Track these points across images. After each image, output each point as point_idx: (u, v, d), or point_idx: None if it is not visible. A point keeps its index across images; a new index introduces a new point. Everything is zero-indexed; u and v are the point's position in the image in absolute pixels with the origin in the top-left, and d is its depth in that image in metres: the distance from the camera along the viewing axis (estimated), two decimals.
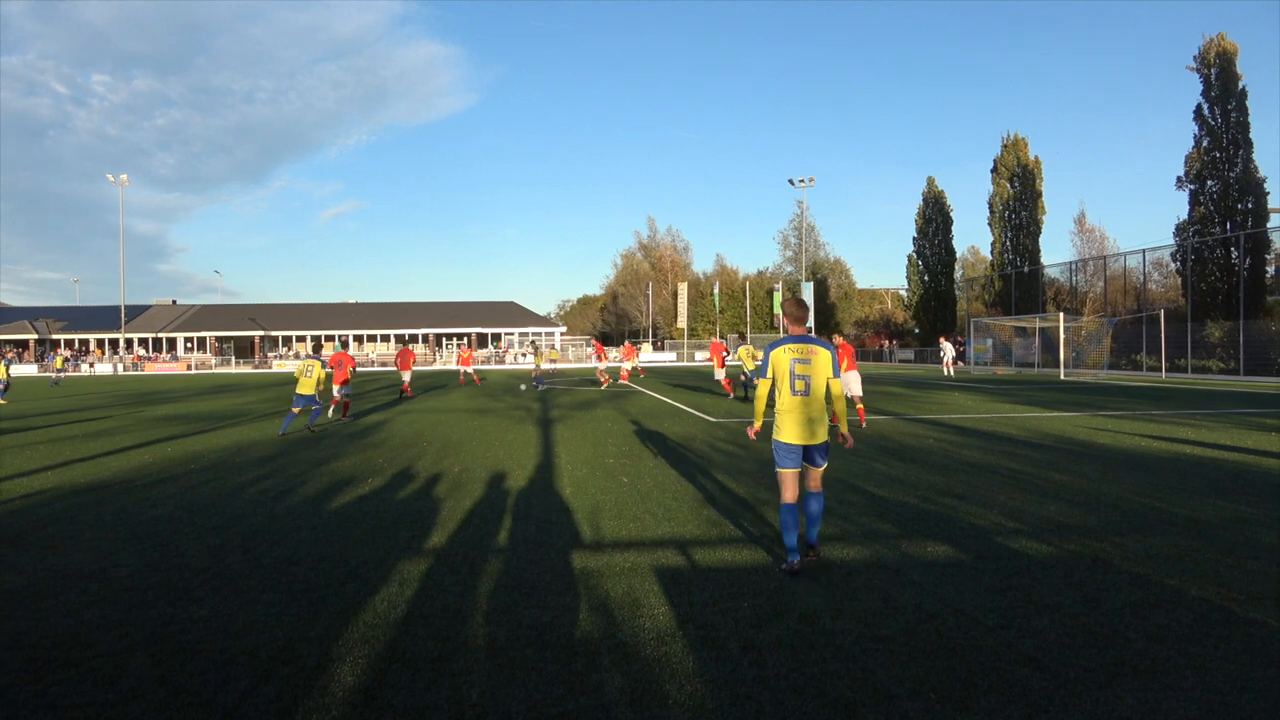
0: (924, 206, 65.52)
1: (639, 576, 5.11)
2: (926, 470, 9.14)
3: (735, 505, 7.31)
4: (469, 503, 7.60)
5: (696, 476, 8.90)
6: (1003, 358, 47.57)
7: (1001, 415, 15.84)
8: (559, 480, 8.78)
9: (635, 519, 6.79)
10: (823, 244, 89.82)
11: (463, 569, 5.34)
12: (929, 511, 6.93)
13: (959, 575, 5.08)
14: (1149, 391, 23.86)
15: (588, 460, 10.24)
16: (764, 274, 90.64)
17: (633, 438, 12.67)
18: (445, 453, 11.18)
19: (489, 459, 10.50)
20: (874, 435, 12.57)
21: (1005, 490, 7.88)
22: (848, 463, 9.72)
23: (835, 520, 6.61)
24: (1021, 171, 55.18)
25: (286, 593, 4.93)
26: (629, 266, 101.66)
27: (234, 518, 7.11)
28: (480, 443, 12.26)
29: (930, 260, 64.89)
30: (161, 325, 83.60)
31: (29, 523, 7.07)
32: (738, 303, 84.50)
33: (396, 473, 9.47)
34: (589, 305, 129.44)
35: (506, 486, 8.45)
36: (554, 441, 12.28)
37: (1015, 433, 12.78)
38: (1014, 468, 9.25)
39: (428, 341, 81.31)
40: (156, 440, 13.41)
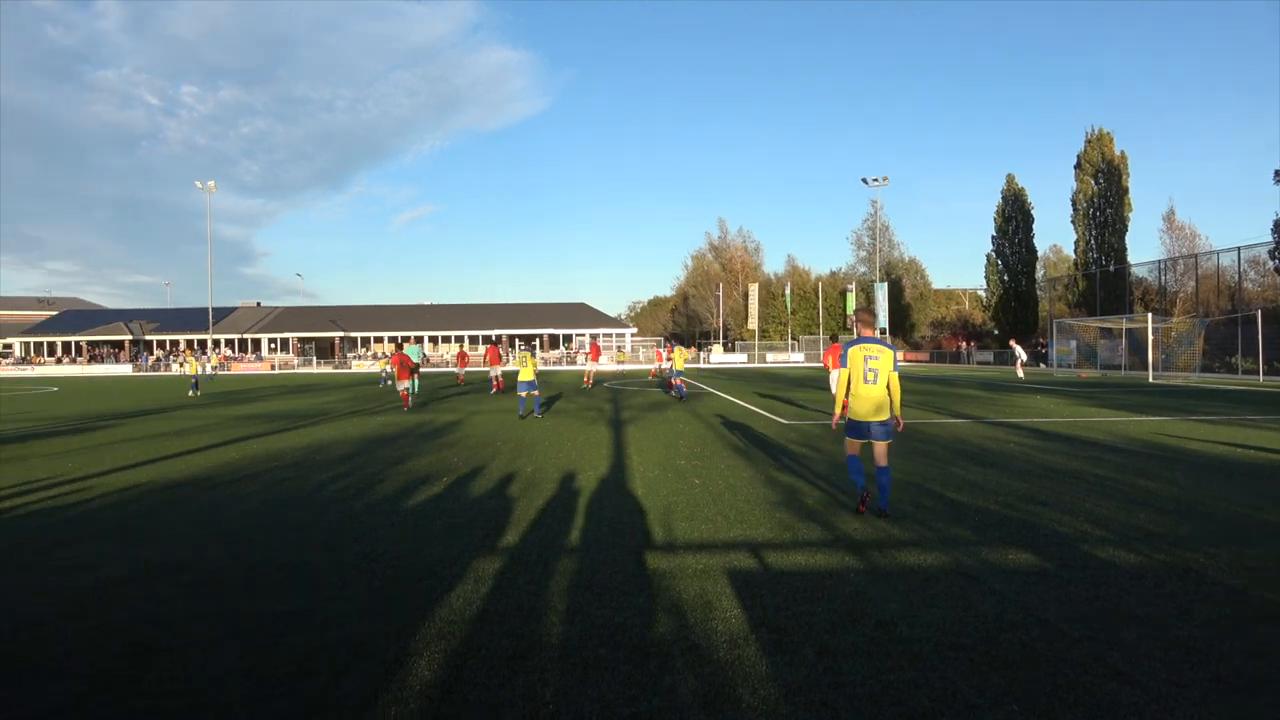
0: (1003, 204, 63.92)
1: (711, 579, 5.09)
2: (1007, 475, 8.90)
3: (808, 508, 7.23)
4: (542, 502, 7.68)
5: (769, 479, 8.83)
6: (1087, 360, 46.06)
7: (1086, 419, 15.33)
8: (631, 481, 8.81)
9: (707, 521, 6.77)
10: (897, 244, 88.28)
11: (536, 568, 5.40)
12: (1010, 518, 6.75)
13: (1042, 584, 4.93)
14: (1245, 395, 22.80)
15: (659, 461, 10.25)
16: (836, 274, 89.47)
17: (704, 439, 12.64)
18: (518, 453, 11.32)
19: (561, 459, 10.59)
20: (951, 439, 12.29)
21: (1091, 497, 7.62)
22: (924, 466, 9.53)
23: (911, 525, 6.48)
24: (1106, 167, 53.40)
25: (365, 588, 5.05)
26: (699, 267, 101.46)
27: (315, 515, 7.32)
28: (553, 443, 12.37)
29: (1010, 259, 63.25)
30: (247, 326, 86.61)
31: (126, 516, 7.40)
32: (809, 303, 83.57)
33: (471, 472, 9.62)
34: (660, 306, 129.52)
35: (578, 486, 8.51)
36: (626, 443, 12.32)
37: (1101, 437, 12.35)
38: (1100, 474, 8.94)
39: (500, 342, 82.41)
40: (241, 438, 13.88)
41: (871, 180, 73.57)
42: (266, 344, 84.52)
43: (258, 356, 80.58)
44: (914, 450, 11.05)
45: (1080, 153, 55.39)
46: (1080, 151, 55.44)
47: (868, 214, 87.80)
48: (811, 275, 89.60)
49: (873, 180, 73.51)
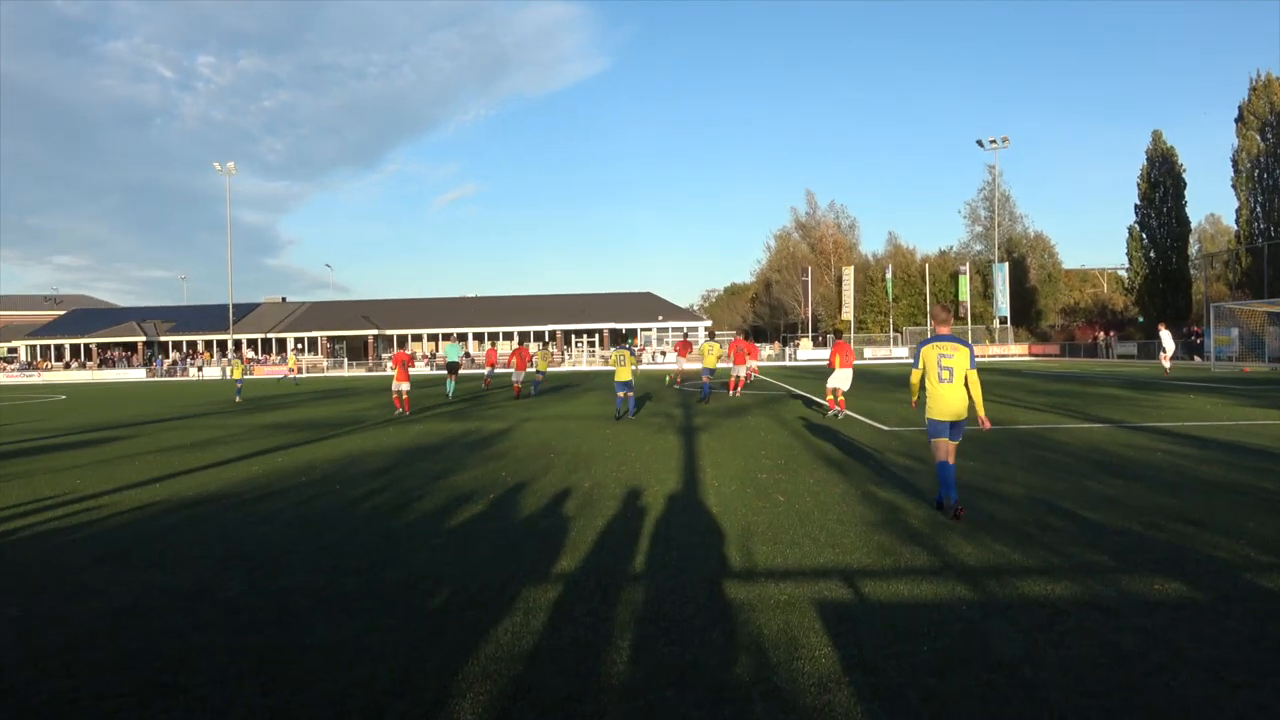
0: (1148, 168, 62.20)
1: (797, 611, 5.07)
2: (1153, 490, 8.66)
3: (912, 530, 7.15)
4: (601, 522, 7.74)
5: (866, 495, 8.75)
6: (1252, 351, 44.51)
7: (1250, 422, 14.80)
8: (704, 498, 8.82)
9: (793, 544, 6.74)
10: (1019, 216, 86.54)
11: (594, 597, 5.45)
12: (1156, 540, 6.57)
13: (1195, 619, 4.78)
14: None
15: (737, 475, 10.24)
16: (946, 254, 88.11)
17: (790, 449, 12.58)
18: (575, 465, 11.42)
19: (624, 473, 10.65)
20: (1086, 447, 12.01)
21: (1256, 515, 7.36)
22: (1052, 480, 9.33)
23: (1037, 549, 6.36)
24: (1276, 120, 51.52)
25: (403, 619, 5.16)
26: (784, 249, 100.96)
27: (347, 535, 7.50)
28: (614, 454, 12.46)
29: (1157, 233, 61.53)
30: (271, 325, 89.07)
31: (137, 537, 7.69)
32: (915, 289, 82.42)
33: (521, 487, 9.74)
34: (738, 295, 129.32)
35: (644, 504, 8.55)
36: (698, 454, 12.33)
37: (1269, 444, 11.92)
38: (1268, 488, 8.63)
39: (555, 339, 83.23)
40: (266, 450, 14.30)
41: (989, 142, 72.29)
42: (292, 343, 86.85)
43: (282, 358, 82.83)
44: (1040, 461, 10.83)
45: (1243, 103, 53.56)
46: (1243, 102, 53.62)
47: (984, 182, 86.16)
48: (917, 256, 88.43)
49: (989, 142, 72.23)
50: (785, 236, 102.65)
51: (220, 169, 78.07)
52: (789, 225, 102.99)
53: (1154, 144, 62.18)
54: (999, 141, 71.88)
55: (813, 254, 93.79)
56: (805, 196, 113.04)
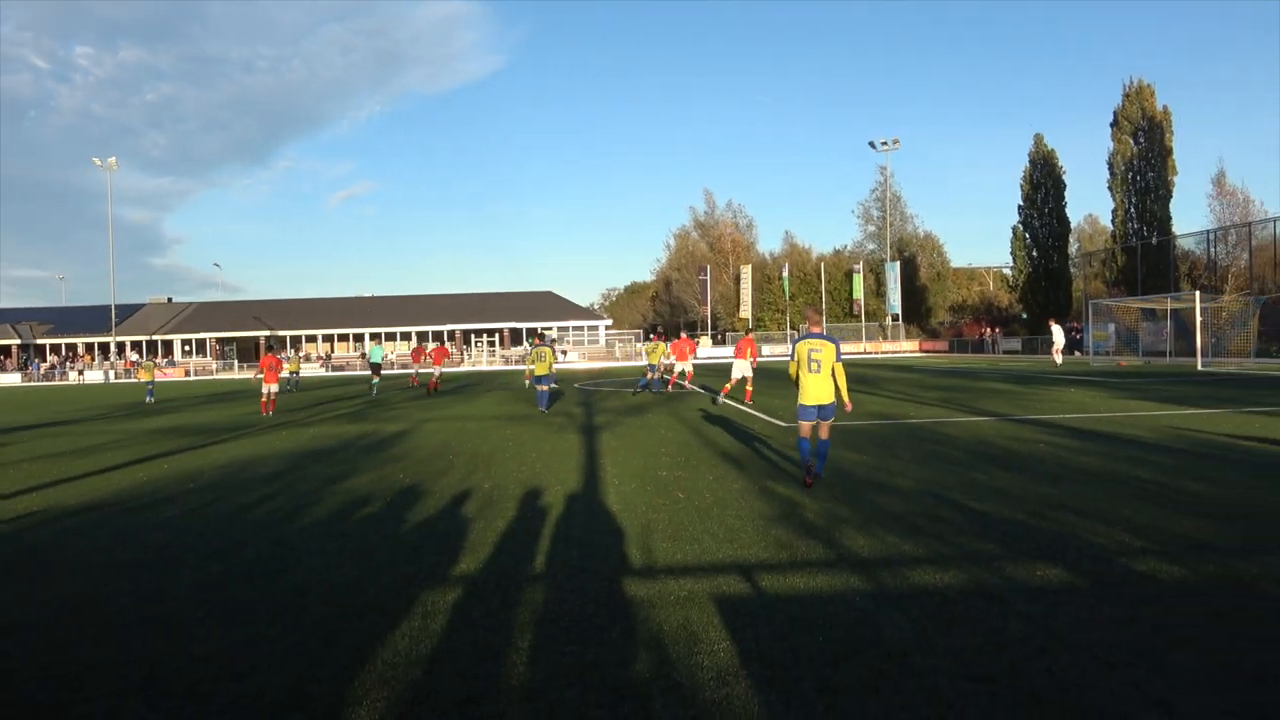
0: (1030, 170, 64.50)
1: (696, 607, 5.12)
2: (1036, 480, 9.00)
3: (808, 524, 7.28)
4: (502, 523, 7.69)
5: (764, 490, 8.89)
6: (1127, 345, 46.59)
7: (1127, 414, 15.52)
8: (605, 497, 8.83)
9: (693, 540, 6.80)
10: (910, 217, 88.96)
11: (494, 599, 5.41)
12: (1039, 529, 6.83)
13: (1075, 604, 4.99)
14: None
15: (638, 473, 10.29)
16: (841, 253, 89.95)
17: (689, 446, 12.69)
18: (474, 466, 11.32)
19: (524, 473, 10.60)
20: (973, 440, 12.41)
21: (1131, 503, 7.72)
22: (942, 472, 9.62)
23: (927, 540, 6.55)
24: (1147, 125, 54.01)
25: (296, 627, 5.04)
26: (683, 248, 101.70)
27: (238, 543, 7.28)
28: (514, 455, 12.38)
29: (1039, 233, 63.89)
30: (156, 326, 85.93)
31: (14, 550, 7.33)
32: (811, 287, 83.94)
33: (419, 490, 9.61)
34: (638, 294, 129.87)
35: (544, 504, 8.52)
36: (599, 452, 12.35)
37: (1143, 434, 12.51)
38: (1141, 476, 9.06)
39: (454, 338, 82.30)
40: (152, 456, 13.79)
41: (880, 144, 74.10)
42: (180, 346, 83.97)
43: (170, 361, 79.93)
44: (930, 454, 11.16)
45: (1117, 108, 55.98)
46: (1117, 107, 56.03)
47: (876, 183, 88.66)
48: (813, 255, 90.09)
49: (881, 144, 74.05)
50: (684, 235, 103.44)
51: (100, 164, 74.93)
52: (688, 224, 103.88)
53: (1036, 147, 64.51)
54: (890, 143, 73.80)
55: (711, 253, 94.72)
56: (704, 196, 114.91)
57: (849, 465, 10.41)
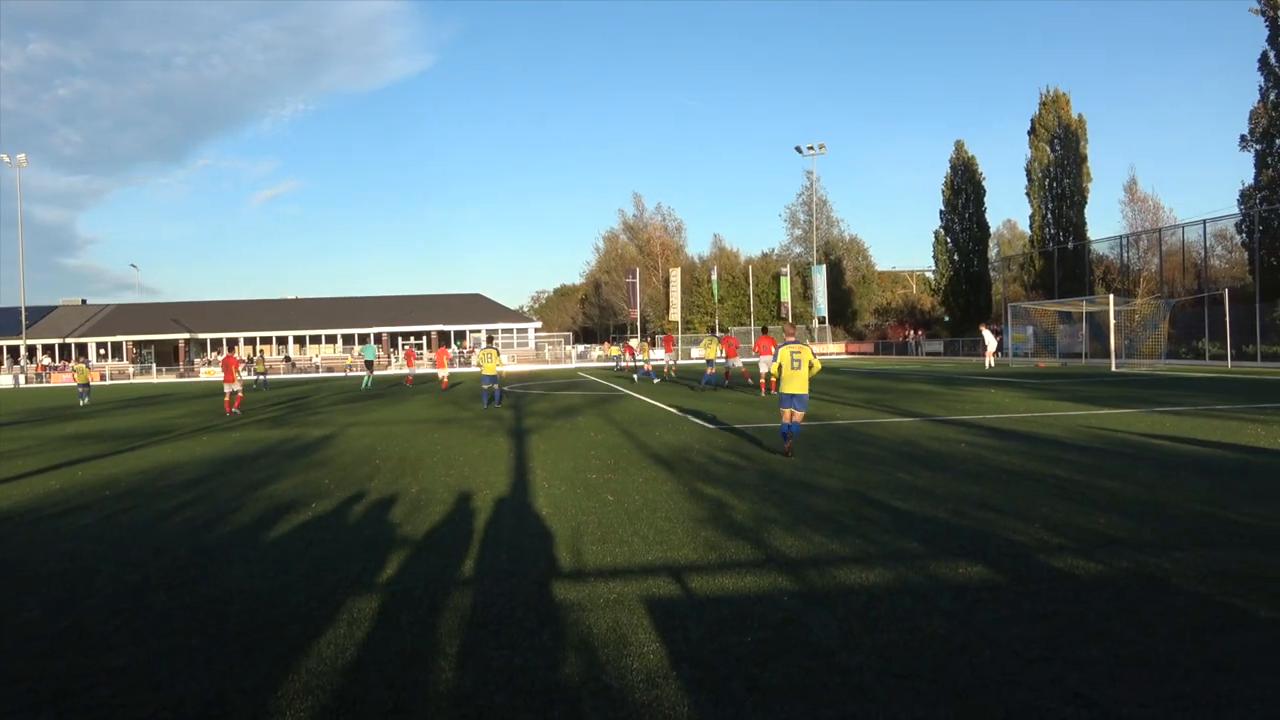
0: (952, 175, 65.85)
1: (626, 609, 5.12)
2: (958, 479, 9.19)
3: (737, 525, 7.33)
4: (429, 528, 7.61)
5: (693, 492, 8.93)
6: (1045, 347, 47.86)
7: (1044, 414, 15.93)
8: (534, 500, 8.80)
9: (622, 543, 6.81)
10: (836, 221, 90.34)
11: (422, 605, 5.34)
12: (961, 527, 6.97)
13: (995, 600, 5.10)
14: (1212, 383, 24.04)
15: (567, 476, 10.27)
16: (769, 257, 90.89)
17: (619, 449, 12.70)
18: (401, 471, 11.18)
19: (453, 477, 10.51)
20: (897, 440, 12.63)
21: (1048, 500, 7.92)
22: (867, 472, 9.77)
23: (852, 539, 6.64)
24: (1063, 133, 55.49)
25: (217, 637, 4.92)
26: (613, 251, 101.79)
27: (156, 551, 7.09)
28: (442, 458, 12.27)
29: (960, 237, 65.24)
30: (70, 329, 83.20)
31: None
32: (739, 290, 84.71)
33: (345, 496, 9.47)
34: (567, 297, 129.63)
35: (473, 508, 8.46)
36: (528, 455, 12.29)
37: (1060, 434, 12.86)
38: (1058, 475, 9.31)
39: (381, 341, 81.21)
40: (65, 463, 13.34)
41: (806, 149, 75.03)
42: (94, 349, 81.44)
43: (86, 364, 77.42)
44: (855, 454, 11.33)
45: (1035, 116, 57.38)
46: (1035, 115, 57.42)
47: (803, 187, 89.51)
48: (741, 258, 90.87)
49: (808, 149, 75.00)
50: (613, 238, 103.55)
51: (9, 161, 72.33)
52: (617, 227, 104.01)
53: (957, 153, 65.91)
54: (816, 148, 74.88)
55: (641, 255, 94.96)
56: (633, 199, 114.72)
57: (776, 466, 10.53)
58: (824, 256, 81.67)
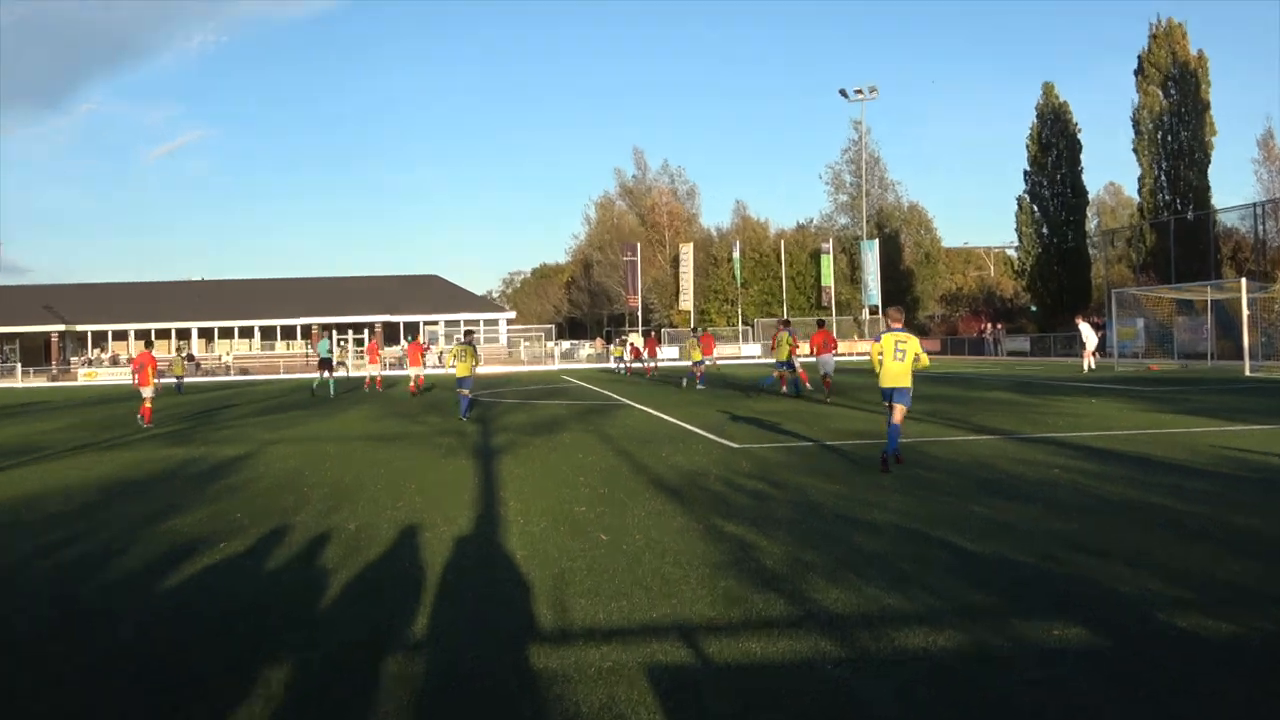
0: (1039, 127, 65.82)
1: (625, 681, 5.09)
2: (1048, 514, 9.16)
3: (766, 572, 7.29)
4: (370, 575, 7.59)
5: (710, 530, 8.90)
6: (1160, 345, 47.61)
7: (1159, 430, 15.89)
8: (506, 539, 8.78)
9: (619, 595, 6.77)
10: (892, 184, 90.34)
11: (359, 674, 5.31)
12: (1052, 575, 6.93)
13: (1098, 669, 5.06)
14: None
15: (548, 509, 10.25)
16: (806, 228, 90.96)
17: (616, 473, 12.69)
18: (336, 501, 11.16)
19: (401, 510, 10.49)
20: (972, 465, 12.61)
21: (1165, 542, 7.88)
22: (933, 505, 9.74)
23: (914, 590, 6.60)
24: (1179, 74, 55.42)
25: (93, 714, 4.89)
26: (607, 221, 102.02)
27: (19, 606, 7.08)
28: (388, 486, 12.25)
29: (1050, 205, 65.22)
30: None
31: None
32: (769, 271, 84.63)
33: (263, 532, 9.44)
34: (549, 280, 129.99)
35: (427, 550, 8.43)
36: (499, 482, 12.28)
37: (1180, 456, 12.83)
38: (1179, 509, 9.27)
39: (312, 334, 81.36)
40: None
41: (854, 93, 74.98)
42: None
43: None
44: (917, 481, 11.30)
45: (1142, 53, 57.33)
46: (1142, 51, 57.38)
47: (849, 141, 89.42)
48: (771, 231, 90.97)
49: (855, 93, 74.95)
50: (608, 205, 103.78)
51: None
52: (613, 191, 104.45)
53: (1045, 99, 65.83)
54: (866, 92, 74.74)
55: (643, 227, 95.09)
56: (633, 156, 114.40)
57: (818, 496, 10.50)
58: (876, 229, 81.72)
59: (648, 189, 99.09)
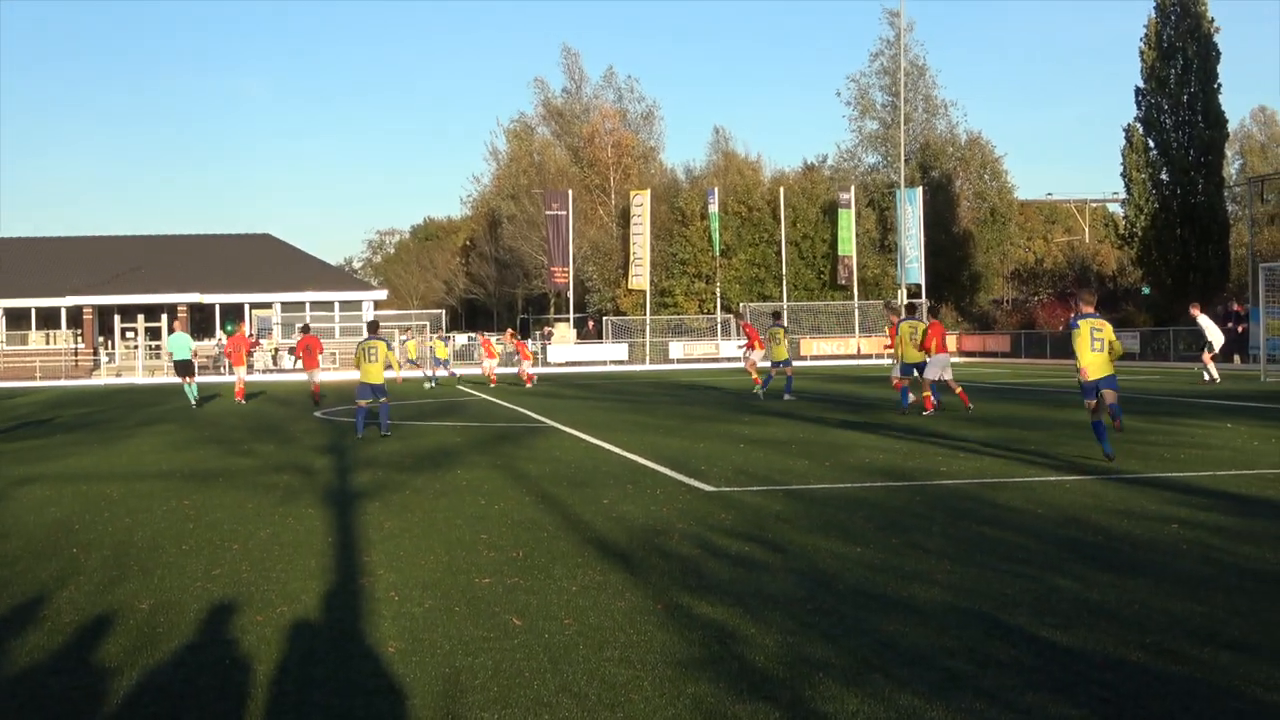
0: (1157, 24, 66.04)
1: None
2: (1165, 589, 9.23)
3: (755, 673, 7.30)
4: (169, 678, 7.53)
5: (673, 610, 8.92)
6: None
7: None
8: (374, 625, 8.78)
9: (539, 706, 6.76)
10: (942, 106, 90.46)
11: None
12: (1170, 676, 6.97)
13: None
14: None
15: (436, 580, 10.25)
16: (816, 170, 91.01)
17: (536, 528, 12.72)
18: (122, 568, 11.12)
19: (219, 581, 10.46)
20: (1054, 516, 12.68)
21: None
22: (995, 574, 9.79)
23: (969, 699, 6.59)
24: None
25: None
26: (523, 157, 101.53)
27: None
28: (200, 546, 12.22)
29: (1173, 139, 65.42)
30: None
31: None
32: (760, 232, 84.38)
33: (5, 612, 9.42)
34: (437, 244, 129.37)
35: (255, 642, 8.39)
36: (362, 540, 12.28)
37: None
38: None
39: (85, 323, 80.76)
40: None
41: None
42: None
43: None
44: (976, 542, 11.40)
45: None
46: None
47: (881, 41, 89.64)
48: (764, 174, 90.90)
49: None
50: (525, 134, 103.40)
51: None
52: (532, 113, 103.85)
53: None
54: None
55: (577, 166, 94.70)
56: (562, 59, 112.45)
57: (831, 563, 10.54)
58: (919, 173, 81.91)
59: (584, 109, 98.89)
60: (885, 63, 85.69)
